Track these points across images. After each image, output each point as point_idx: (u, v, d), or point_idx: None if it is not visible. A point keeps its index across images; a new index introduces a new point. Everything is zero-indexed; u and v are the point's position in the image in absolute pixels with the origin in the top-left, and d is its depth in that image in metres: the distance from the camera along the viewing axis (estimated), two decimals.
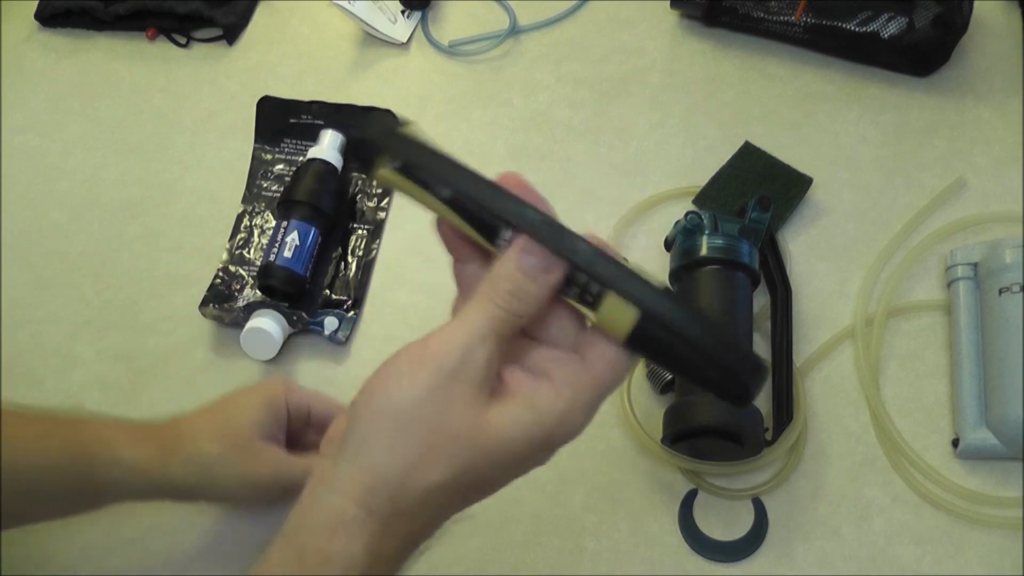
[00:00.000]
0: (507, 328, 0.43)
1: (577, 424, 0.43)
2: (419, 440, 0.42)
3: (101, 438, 0.65)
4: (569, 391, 0.43)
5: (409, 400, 0.42)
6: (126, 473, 0.64)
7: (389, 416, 0.42)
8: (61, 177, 0.93)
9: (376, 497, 0.42)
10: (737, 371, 0.42)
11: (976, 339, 0.73)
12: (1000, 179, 0.83)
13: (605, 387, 0.44)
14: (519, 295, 0.42)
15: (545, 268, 0.42)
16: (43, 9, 1.01)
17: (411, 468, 0.42)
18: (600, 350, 0.43)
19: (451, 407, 0.42)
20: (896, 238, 0.81)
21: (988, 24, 0.91)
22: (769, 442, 0.71)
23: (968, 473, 0.71)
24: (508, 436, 0.42)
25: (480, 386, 0.42)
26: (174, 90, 0.97)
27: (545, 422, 0.43)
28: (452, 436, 0.42)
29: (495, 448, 0.42)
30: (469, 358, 0.42)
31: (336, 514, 0.43)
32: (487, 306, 0.43)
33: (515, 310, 0.42)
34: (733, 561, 0.70)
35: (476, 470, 0.43)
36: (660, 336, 0.41)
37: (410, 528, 0.44)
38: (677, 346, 0.41)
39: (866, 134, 0.87)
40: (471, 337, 0.42)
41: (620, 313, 0.41)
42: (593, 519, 0.72)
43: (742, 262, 0.73)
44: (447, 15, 0.99)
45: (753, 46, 0.93)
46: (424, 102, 0.93)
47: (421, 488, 0.42)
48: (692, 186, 0.85)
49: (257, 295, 0.81)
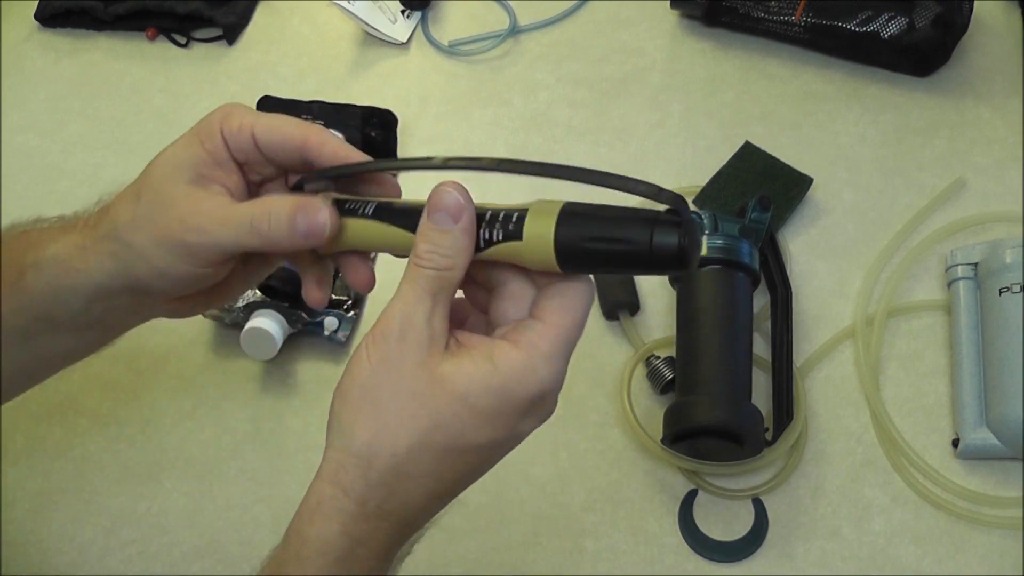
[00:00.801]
0: (439, 285, 0.44)
1: (541, 375, 0.44)
2: (379, 408, 0.43)
3: (32, 242, 0.55)
4: (525, 341, 0.44)
5: (366, 374, 0.44)
6: (50, 273, 0.54)
7: (353, 394, 0.44)
8: (61, 177, 0.93)
9: (347, 473, 0.44)
10: (668, 222, 0.42)
11: (976, 339, 0.73)
12: (1000, 179, 0.83)
13: (563, 334, 0.44)
14: (439, 250, 0.44)
15: (454, 216, 0.44)
16: (43, 9, 1.01)
17: (375, 437, 0.43)
18: (553, 303, 0.44)
19: (403, 369, 0.43)
20: (896, 238, 0.81)
21: (988, 24, 0.91)
22: (769, 442, 0.71)
23: (968, 473, 0.71)
24: (464, 386, 0.43)
25: (427, 345, 0.44)
26: (174, 90, 0.97)
27: (501, 370, 0.43)
28: (409, 396, 0.43)
29: (455, 401, 0.43)
30: (409, 322, 0.43)
31: (316, 496, 0.45)
32: (413, 271, 0.44)
33: (439, 264, 0.44)
34: (733, 561, 0.70)
35: (442, 428, 0.43)
36: (586, 229, 0.42)
37: (388, 506, 0.44)
38: (604, 228, 0.42)
39: (866, 134, 0.87)
40: (406, 303, 0.44)
41: (543, 219, 0.43)
42: (593, 519, 0.72)
43: (742, 262, 0.73)
44: (447, 15, 0.99)
45: (753, 46, 0.93)
46: (424, 102, 0.93)
47: (389, 454, 0.43)
48: (692, 186, 0.85)
49: (257, 295, 0.81)
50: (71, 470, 0.77)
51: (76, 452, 0.78)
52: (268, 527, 0.74)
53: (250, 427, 0.78)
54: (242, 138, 0.52)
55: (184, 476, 0.76)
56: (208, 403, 0.79)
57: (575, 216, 0.43)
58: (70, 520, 0.75)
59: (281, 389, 0.79)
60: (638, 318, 0.80)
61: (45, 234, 0.55)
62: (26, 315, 0.55)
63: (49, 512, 0.75)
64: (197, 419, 0.79)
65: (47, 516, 0.75)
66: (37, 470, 0.77)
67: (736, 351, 0.72)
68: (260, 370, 0.80)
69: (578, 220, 0.43)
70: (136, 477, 0.76)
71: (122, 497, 0.76)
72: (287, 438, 0.77)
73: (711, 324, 0.72)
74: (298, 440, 0.77)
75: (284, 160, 0.53)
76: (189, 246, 0.50)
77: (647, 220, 0.42)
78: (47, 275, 0.54)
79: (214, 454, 0.77)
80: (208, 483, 0.76)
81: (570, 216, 0.43)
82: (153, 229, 0.51)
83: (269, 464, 0.77)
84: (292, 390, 0.79)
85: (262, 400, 0.79)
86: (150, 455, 0.77)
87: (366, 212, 0.49)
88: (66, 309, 0.55)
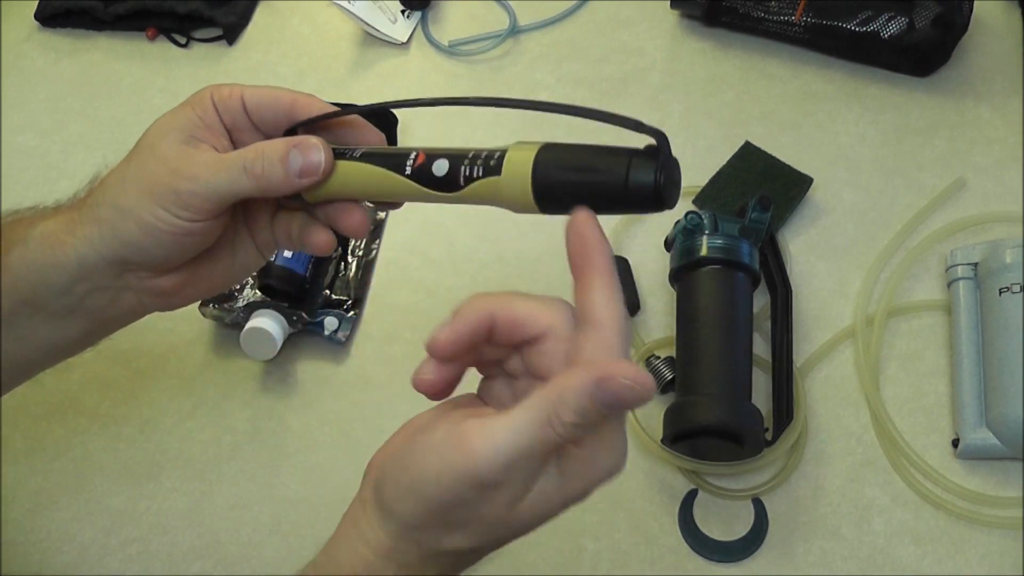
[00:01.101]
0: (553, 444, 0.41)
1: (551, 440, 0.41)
2: (449, 523, 0.43)
3: (24, 222, 0.55)
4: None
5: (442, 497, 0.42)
6: (36, 250, 0.53)
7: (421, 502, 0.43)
8: (61, 177, 0.93)
9: (404, 556, 0.44)
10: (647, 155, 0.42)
11: (976, 339, 0.73)
12: (1000, 179, 0.83)
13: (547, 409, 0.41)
14: (582, 424, 0.40)
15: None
16: (43, 9, 1.01)
17: (438, 540, 0.44)
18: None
19: (483, 507, 0.42)
20: (896, 238, 0.81)
21: (988, 24, 0.91)
22: (769, 442, 0.71)
23: (968, 473, 0.71)
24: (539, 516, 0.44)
25: (517, 493, 0.42)
26: (174, 90, 0.97)
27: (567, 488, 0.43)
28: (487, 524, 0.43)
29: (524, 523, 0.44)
30: (511, 475, 0.41)
31: (362, 562, 0.44)
32: (538, 417, 0.40)
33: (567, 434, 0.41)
34: (733, 561, 0.70)
35: (500, 540, 0.45)
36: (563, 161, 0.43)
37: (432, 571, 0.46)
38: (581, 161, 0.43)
39: (866, 134, 0.87)
40: (517, 450, 0.40)
41: (522, 153, 0.44)
42: (593, 519, 0.72)
43: (742, 262, 0.73)
44: (447, 15, 0.99)
45: (753, 46, 0.93)
46: None
47: (449, 549, 0.44)
48: (692, 186, 0.85)
49: (257, 295, 0.81)
50: (71, 470, 0.77)
51: (76, 451, 0.78)
52: (268, 527, 0.74)
53: (250, 427, 0.78)
54: (232, 103, 0.53)
55: (184, 476, 0.76)
56: (208, 403, 0.79)
57: (554, 149, 0.43)
58: (70, 520, 0.75)
59: (281, 389, 0.79)
60: (638, 318, 0.80)
61: (39, 214, 0.56)
62: (11, 298, 0.55)
63: (49, 512, 0.75)
64: (197, 419, 0.79)
65: (47, 516, 0.75)
66: (37, 470, 0.77)
67: (736, 351, 0.72)
68: (260, 370, 0.80)
69: (556, 154, 0.43)
70: (136, 477, 0.76)
71: (122, 497, 0.76)
72: (287, 438, 0.77)
73: (711, 324, 0.72)
74: (298, 440, 0.77)
75: (272, 123, 0.53)
76: (180, 194, 0.50)
77: (625, 154, 0.42)
78: (32, 252, 0.53)
79: (214, 454, 0.77)
80: (208, 483, 0.76)
81: (549, 150, 0.43)
82: (143, 183, 0.51)
83: (269, 464, 0.77)
84: (292, 390, 0.79)
85: (262, 400, 0.79)
86: (150, 455, 0.77)
87: (354, 155, 0.50)
88: (49, 289, 0.54)
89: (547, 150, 0.43)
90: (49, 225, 0.54)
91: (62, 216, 0.54)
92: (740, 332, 0.72)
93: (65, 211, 0.55)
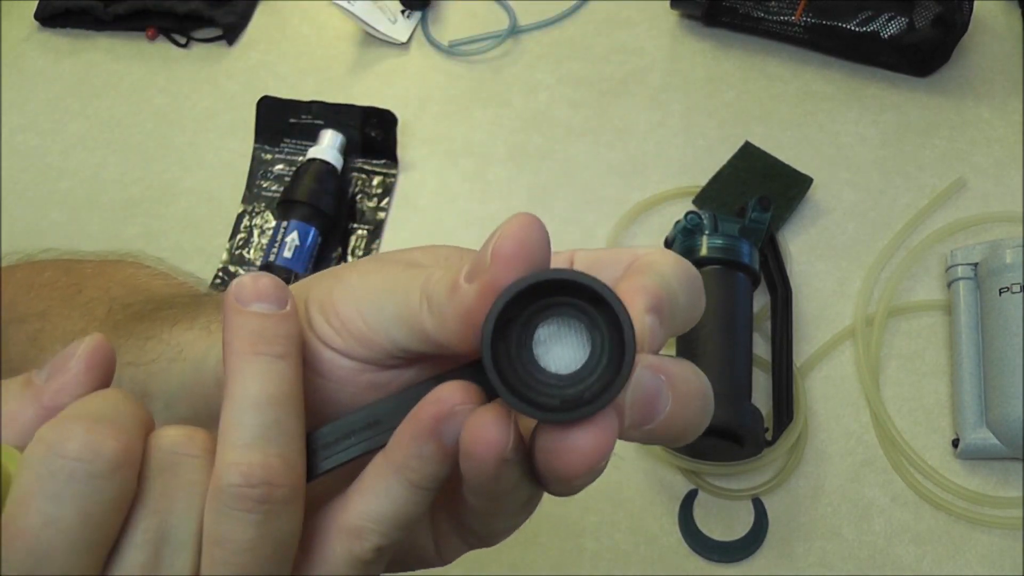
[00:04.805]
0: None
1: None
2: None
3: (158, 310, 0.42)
4: None
5: None
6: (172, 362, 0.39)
7: None
8: (61, 177, 0.93)
9: None
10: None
11: (976, 339, 0.73)
12: (1000, 179, 0.83)
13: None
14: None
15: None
16: (43, 9, 1.01)
17: None
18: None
19: None
20: (896, 238, 0.81)
21: (988, 24, 0.91)
22: (769, 442, 0.71)
23: (968, 473, 0.71)
24: None
25: None
26: (174, 90, 0.97)
27: None
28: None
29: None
30: None
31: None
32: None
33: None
34: (733, 561, 0.70)
35: None
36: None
37: None
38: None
39: (866, 134, 0.87)
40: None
41: None
42: (593, 519, 0.72)
43: (742, 262, 0.73)
44: (447, 15, 0.99)
45: (753, 46, 0.93)
46: (424, 102, 0.93)
47: None
48: (692, 186, 0.85)
49: None
50: None
51: None
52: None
53: None
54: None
55: None
56: None
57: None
58: None
59: None
60: None
61: (176, 309, 0.41)
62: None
63: None
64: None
65: None
66: None
67: (736, 351, 0.72)
68: None
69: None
70: None
71: None
72: None
73: (711, 324, 0.72)
74: None
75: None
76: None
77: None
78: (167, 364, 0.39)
79: None
80: None
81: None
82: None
83: None
84: None
85: None
86: None
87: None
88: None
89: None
90: (187, 337, 0.39)
91: (201, 322, 0.39)
92: (740, 332, 0.72)
93: (204, 315, 0.40)
